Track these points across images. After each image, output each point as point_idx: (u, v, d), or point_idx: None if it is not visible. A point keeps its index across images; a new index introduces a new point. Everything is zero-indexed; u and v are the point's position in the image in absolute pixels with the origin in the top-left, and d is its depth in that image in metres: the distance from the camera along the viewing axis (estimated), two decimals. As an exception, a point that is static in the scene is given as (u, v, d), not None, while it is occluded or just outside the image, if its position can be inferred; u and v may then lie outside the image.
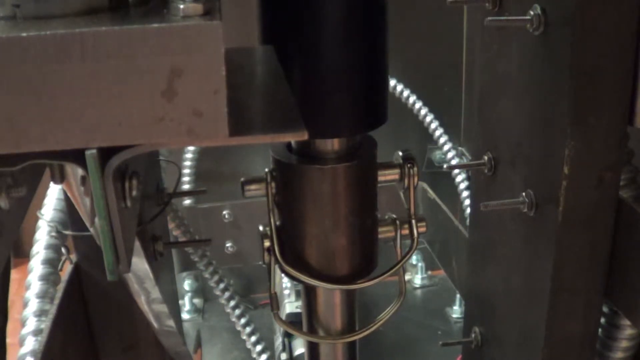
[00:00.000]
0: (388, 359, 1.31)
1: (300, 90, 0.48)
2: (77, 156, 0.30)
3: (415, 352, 1.33)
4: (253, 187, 0.54)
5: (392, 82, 1.39)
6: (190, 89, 0.28)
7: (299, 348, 1.11)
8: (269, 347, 1.12)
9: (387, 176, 0.56)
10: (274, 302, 0.57)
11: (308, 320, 0.61)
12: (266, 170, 0.54)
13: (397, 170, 0.56)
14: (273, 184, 0.54)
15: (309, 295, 0.59)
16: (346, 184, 0.52)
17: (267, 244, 0.55)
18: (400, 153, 0.57)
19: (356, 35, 0.48)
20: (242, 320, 1.06)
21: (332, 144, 0.52)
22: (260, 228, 0.56)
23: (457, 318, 1.40)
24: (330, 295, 0.59)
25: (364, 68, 0.49)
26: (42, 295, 0.74)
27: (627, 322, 0.61)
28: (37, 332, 0.71)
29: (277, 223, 0.55)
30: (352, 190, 0.52)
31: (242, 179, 0.54)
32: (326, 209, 0.52)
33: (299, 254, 0.55)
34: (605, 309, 0.62)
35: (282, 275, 0.57)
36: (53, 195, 0.83)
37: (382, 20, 0.49)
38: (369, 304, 1.22)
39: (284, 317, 1.09)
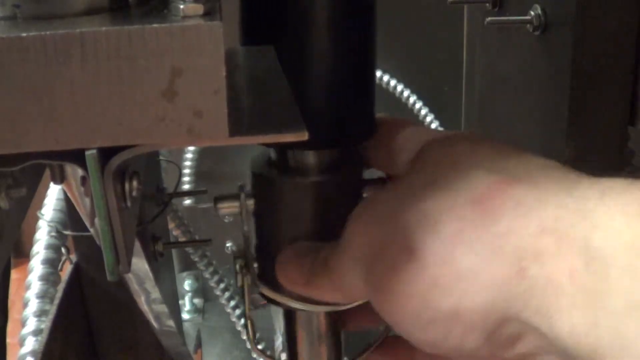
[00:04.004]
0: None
1: None
2: (77, 156, 0.30)
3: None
4: (226, 204, 0.49)
5: (392, 82, 1.39)
6: (190, 89, 0.28)
7: (299, 348, 1.11)
8: (269, 347, 1.12)
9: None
10: (251, 329, 0.52)
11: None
12: (239, 184, 0.49)
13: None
14: (249, 201, 0.48)
15: (289, 324, 0.53)
16: (329, 199, 0.47)
17: (240, 264, 0.50)
18: None
19: (339, 46, 0.44)
20: (243, 320, 1.06)
21: (315, 156, 0.48)
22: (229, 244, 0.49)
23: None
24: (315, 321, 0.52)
25: (347, 79, 0.45)
26: (42, 295, 0.74)
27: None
28: (37, 332, 0.71)
29: (255, 242, 0.50)
30: (336, 206, 0.47)
31: (215, 196, 0.49)
32: (308, 225, 0.47)
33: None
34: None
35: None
36: (53, 195, 0.83)
37: (369, 34, 0.45)
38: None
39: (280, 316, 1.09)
